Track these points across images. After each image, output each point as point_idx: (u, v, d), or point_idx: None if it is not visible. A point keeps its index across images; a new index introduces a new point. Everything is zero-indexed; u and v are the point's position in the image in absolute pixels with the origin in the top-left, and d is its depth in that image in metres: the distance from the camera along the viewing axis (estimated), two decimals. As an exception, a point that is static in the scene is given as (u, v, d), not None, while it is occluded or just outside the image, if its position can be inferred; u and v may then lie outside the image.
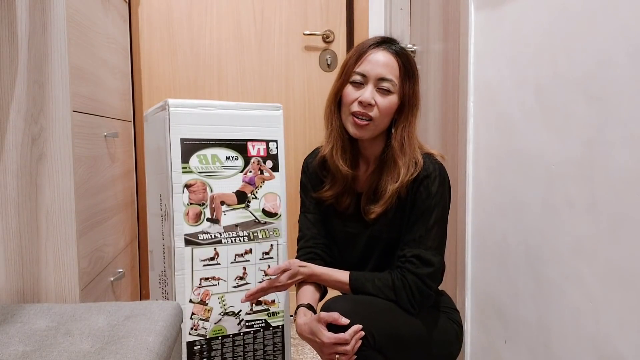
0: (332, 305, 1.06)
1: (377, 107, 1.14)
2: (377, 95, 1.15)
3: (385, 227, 1.19)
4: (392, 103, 1.16)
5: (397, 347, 1.09)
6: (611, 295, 0.92)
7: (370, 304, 1.10)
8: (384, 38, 1.19)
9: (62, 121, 1.14)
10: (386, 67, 1.15)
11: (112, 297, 1.48)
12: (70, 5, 1.16)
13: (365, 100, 1.14)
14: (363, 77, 1.15)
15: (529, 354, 1.19)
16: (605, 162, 0.93)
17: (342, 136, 1.22)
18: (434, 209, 1.14)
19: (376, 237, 1.21)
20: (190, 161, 1.40)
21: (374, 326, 1.04)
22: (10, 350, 0.90)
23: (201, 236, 1.41)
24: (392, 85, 1.15)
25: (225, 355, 1.45)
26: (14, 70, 1.11)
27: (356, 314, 1.04)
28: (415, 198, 1.15)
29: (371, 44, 1.18)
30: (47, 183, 1.14)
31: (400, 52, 1.17)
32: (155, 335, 0.95)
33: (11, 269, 1.14)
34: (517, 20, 1.22)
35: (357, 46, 1.21)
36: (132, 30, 1.96)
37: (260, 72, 2.09)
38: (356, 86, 1.16)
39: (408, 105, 1.17)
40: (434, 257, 1.13)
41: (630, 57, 0.86)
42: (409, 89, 1.17)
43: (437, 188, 1.14)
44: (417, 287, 1.11)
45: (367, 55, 1.16)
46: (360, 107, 1.15)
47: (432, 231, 1.14)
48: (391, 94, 1.15)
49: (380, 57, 1.15)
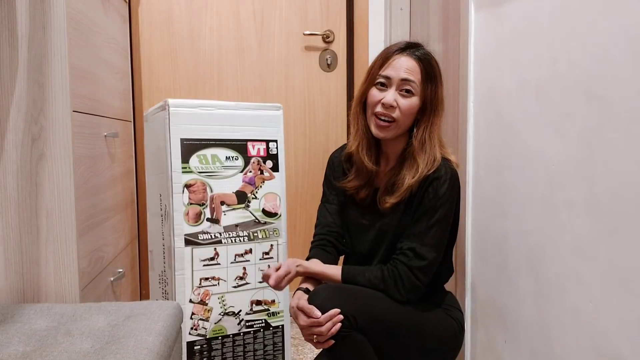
0: (316, 293, 1.12)
1: (399, 109, 1.21)
2: (399, 97, 1.21)
3: (394, 222, 1.24)
4: (413, 104, 1.22)
5: (383, 332, 1.12)
6: (611, 295, 0.92)
7: (352, 291, 1.14)
8: (409, 43, 1.26)
9: (62, 121, 1.14)
10: (408, 70, 1.21)
11: (112, 297, 1.48)
12: (70, 5, 1.16)
13: (388, 102, 1.20)
14: (387, 80, 1.22)
15: (529, 354, 1.19)
16: (605, 162, 0.93)
17: (367, 135, 1.29)
18: (438, 209, 1.18)
19: (385, 230, 1.25)
20: (190, 161, 1.40)
21: (354, 309, 1.08)
22: (10, 350, 0.90)
23: (201, 236, 1.41)
24: (413, 87, 1.21)
25: (225, 355, 1.45)
26: (14, 70, 1.11)
27: (335, 299, 1.08)
28: (423, 197, 1.20)
29: (396, 49, 1.24)
30: (47, 183, 1.14)
31: (423, 57, 1.23)
32: (155, 335, 0.95)
33: (11, 269, 1.14)
34: (517, 20, 1.22)
35: (383, 51, 1.28)
36: (132, 30, 1.96)
37: (260, 72, 2.09)
38: (380, 89, 1.23)
39: (430, 106, 1.23)
40: (428, 253, 1.16)
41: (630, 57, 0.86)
42: (431, 92, 1.23)
43: (445, 191, 1.18)
44: (406, 277, 1.15)
45: (391, 60, 1.23)
46: (382, 109, 1.21)
47: (432, 229, 1.18)
48: (413, 96, 1.22)
49: (404, 62, 1.22)
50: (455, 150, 1.58)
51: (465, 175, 1.47)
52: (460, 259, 1.52)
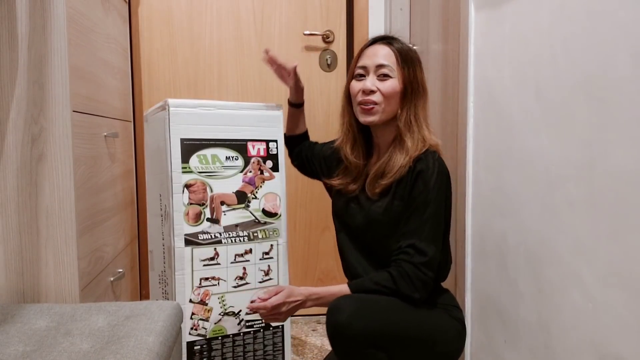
0: (339, 307, 1.09)
1: (380, 92, 1.23)
2: (377, 82, 1.24)
3: (382, 210, 1.23)
4: (393, 86, 1.23)
5: (400, 345, 1.12)
6: (611, 296, 0.92)
7: (376, 303, 1.13)
8: (383, 35, 1.31)
9: (62, 121, 1.14)
10: (382, 57, 1.25)
11: (112, 297, 1.48)
12: (70, 5, 1.16)
13: (367, 87, 1.24)
14: (364, 69, 1.26)
15: (529, 354, 1.19)
16: (605, 162, 0.93)
17: (352, 129, 1.33)
18: (429, 202, 1.18)
19: (373, 218, 1.25)
20: (190, 161, 1.40)
21: (380, 323, 1.08)
22: (10, 350, 0.90)
23: (201, 236, 1.41)
24: (390, 70, 1.24)
25: (225, 355, 1.45)
26: (14, 71, 1.11)
27: (362, 316, 1.07)
28: (413, 190, 1.19)
29: (370, 42, 1.30)
30: (47, 183, 1.14)
31: (396, 44, 1.27)
32: (155, 335, 0.95)
33: (11, 269, 1.14)
34: (517, 20, 1.22)
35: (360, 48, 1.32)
36: (132, 30, 1.96)
37: (260, 72, 2.09)
38: (359, 79, 1.27)
39: (411, 89, 1.24)
40: (428, 248, 1.16)
41: (630, 57, 0.86)
42: (409, 74, 1.24)
43: (434, 182, 1.18)
44: (414, 274, 1.15)
45: (365, 51, 1.28)
46: (363, 96, 1.24)
47: (427, 223, 1.17)
48: (391, 79, 1.24)
49: (377, 50, 1.26)
50: (455, 150, 1.58)
51: (465, 175, 1.47)
52: (460, 259, 1.52)
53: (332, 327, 1.09)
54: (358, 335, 1.06)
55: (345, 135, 1.34)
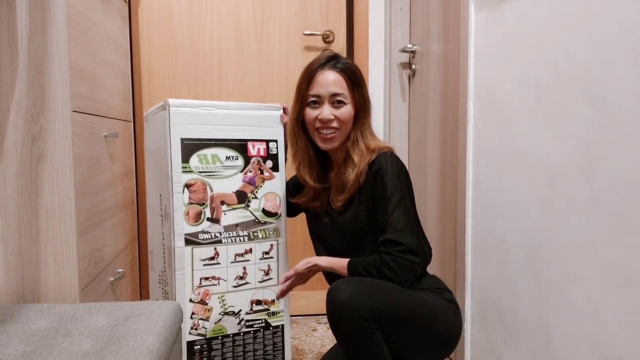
0: (339, 289, 1.13)
1: (337, 119, 1.30)
2: (333, 110, 1.30)
3: (350, 219, 1.30)
4: (349, 111, 1.31)
5: (401, 325, 1.15)
6: (611, 296, 0.92)
7: (373, 283, 1.17)
8: (328, 57, 1.33)
9: (62, 121, 1.14)
10: (335, 84, 1.30)
11: (112, 297, 1.49)
12: (70, 5, 1.16)
13: (325, 117, 1.29)
14: (318, 98, 1.31)
15: (529, 354, 1.19)
16: (605, 162, 0.93)
17: (307, 153, 1.38)
18: (391, 195, 1.23)
19: (343, 228, 1.32)
20: (191, 161, 1.40)
21: (379, 302, 1.11)
22: (10, 350, 0.90)
23: (201, 236, 1.41)
24: (344, 97, 1.30)
25: (225, 355, 1.45)
26: (14, 70, 1.11)
27: (363, 293, 1.11)
28: (374, 190, 1.26)
29: (317, 65, 1.32)
30: (47, 183, 1.14)
31: (345, 68, 1.31)
32: (155, 335, 0.95)
33: (11, 269, 1.14)
34: (517, 20, 1.22)
35: (306, 69, 1.35)
36: (132, 30, 1.96)
37: (260, 72, 2.09)
38: (313, 107, 1.32)
39: (360, 110, 1.32)
40: (400, 238, 1.20)
41: (630, 57, 0.86)
42: (359, 96, 1.32)
43: (392, 177, 1.24)
44: (393, 261, 1.19)
45: (316, 77, 1.31)
46: (322, 124, 1.30)
47: (395, 214, 1.22)
48: (345, 105, 1.30)
49: (328, 77, 1.30)
50: (455, 150, 1.58)
51: (465, 175, 1.47)
52: (460, 259, 1.52)
53: (333, 308, 1.11)
54: (358, 314, 1.08)
55: (302, 161, 1.39)
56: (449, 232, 1.67)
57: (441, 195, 1.75)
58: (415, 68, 2.02)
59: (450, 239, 1.66)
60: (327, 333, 1.99)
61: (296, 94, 1.37)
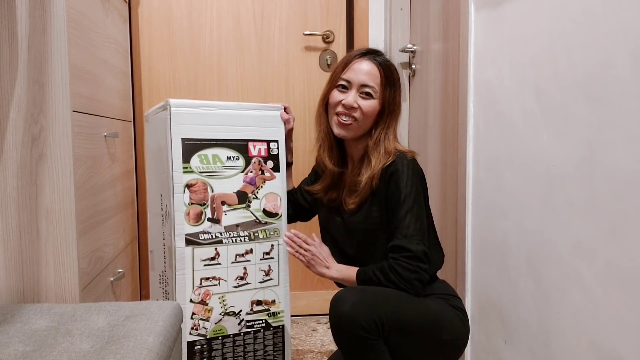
0: (343, 296, 1.13)
1: (360, 109, 1.28)
2: (359, 99, 1.28)
3: (361, 219, 1.29)
4: (373, 106, 1.28)
5: (403, 332, 1.14)
6: (611, 295, 0.92)
7: (377, 292, 1.16)
8: (370, 49, 1.33)
9: (62, 121, 1.14)
10: (368, 75, 1.28)
11: (112, 297, 1.49)
12: (70, 5, 1.16)
13: (348, 103, 1.27)
14: (348, 83, 1.29)
15: (529, 354, 1.19)
16: (605, 162, 0.93)
17: (329, 137, 1.37)
18: (404, 200, 1.21)
19: (354, 228, 1.32)
20: (191, 161, 1.40)
21: (382, 312, 1.10)
22: (10, 350, 0.90)
23: (202, 236, 1.41)
24: (374, 91, 1.28)
25: (225, 356, 1.45)
26: (14, 70, 1.11)
27: (365, 303, 1.10)
28: (387, 193, 1.24)
29: (357, 54, 1.32)
30: (47, 183, 1.14)
31: (383, 63, 1.30)
32: (155, 335, 0.95)
33: (11, 269, 1.14)
34: (517, 20, 1.22)
35: (345, 56, 1.35)
36: (132, 30, 1.96)
37: (260, 72, 2.09)
38: (341, 91, 1.30)
39: (388, 110, 1.30)
40: (409, 244, 1.19)
41: (630, 58, 0.86)
42: (389, 96, 1.29)
43: (407, 181, 1.22)
44: (400, 267, 1.18)
45: (352, 64, 1.30)
46: (343, 109, 1.29)
47: (407, 219, 1.21)
48: (372, 99, 1.28)
49: (364, 66, 1.29)
50: (455, 150, 1.58)
51: (465, 175, 1.47)
52: (460, 259, 1.52)
53: (335, 318, 1.11)
54: (360, 325, 1.07)
55: (323, 142, 1.38)
56: (449, 231, 1.67)
57: (441, 195, 1.75)
58: (415, 68, 2.02)
59: (450, 238, 1.66)
60: (327, 333, 1.99)
61: (329, 78, 1.36)
